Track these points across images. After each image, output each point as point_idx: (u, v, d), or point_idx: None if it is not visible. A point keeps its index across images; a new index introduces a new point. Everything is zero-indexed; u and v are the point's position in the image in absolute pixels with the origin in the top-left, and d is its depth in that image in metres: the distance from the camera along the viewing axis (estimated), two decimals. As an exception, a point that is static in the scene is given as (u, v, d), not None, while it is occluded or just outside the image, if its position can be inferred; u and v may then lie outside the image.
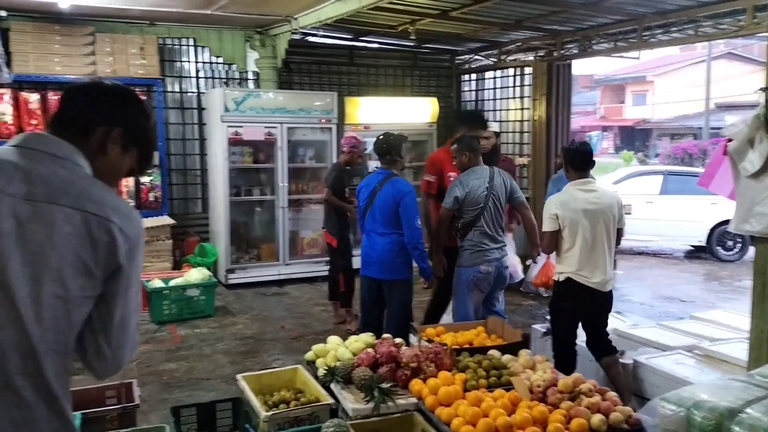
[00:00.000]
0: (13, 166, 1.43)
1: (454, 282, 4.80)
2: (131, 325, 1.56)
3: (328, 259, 7.63)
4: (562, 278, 4.16)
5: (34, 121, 7.03)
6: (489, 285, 4.72)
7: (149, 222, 7.31)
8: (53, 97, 7.11)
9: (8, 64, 6.88)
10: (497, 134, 6.00)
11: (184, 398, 4.57)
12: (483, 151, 5.41)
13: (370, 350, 3.84)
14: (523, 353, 3.88)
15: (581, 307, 4.15)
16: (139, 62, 7.51)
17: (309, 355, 4.13)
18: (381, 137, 4.73)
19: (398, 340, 3.95)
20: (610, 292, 4.20)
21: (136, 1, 6.42)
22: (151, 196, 7.65)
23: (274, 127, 7.69)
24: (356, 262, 6.38)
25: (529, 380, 3.44)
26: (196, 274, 6.59)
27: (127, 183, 7.50)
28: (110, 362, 1.54)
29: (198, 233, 8.25)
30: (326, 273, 7.84)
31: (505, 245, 4.85)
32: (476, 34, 8.37)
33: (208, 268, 7.11)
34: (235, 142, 7.58)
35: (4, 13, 6.90)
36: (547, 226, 4.10)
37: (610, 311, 4.33)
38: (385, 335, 4.12)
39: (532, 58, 8.76)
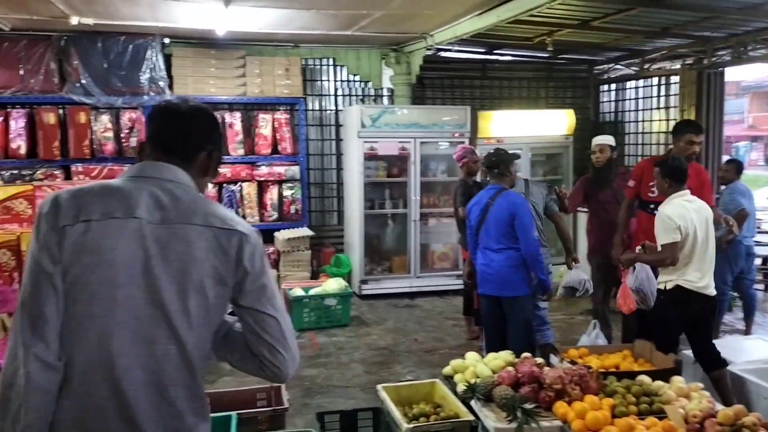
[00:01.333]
0: (144, 196, 1.55)
1: None
2: (287, 321, 1.65)
3: (460, 273, 7.68)
4: (669, 286, 4.13)
5: (191, 139, 7.63)
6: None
7: (290, 233, 7.69)
8: (208, 117, 7.68)
9: (170, 87, 7.55)
10: (613, 147, 5.60)
11: (324, 404, 4.74)
12: (597, 166, 5.46)
13: (510, 369, 3.79)
14: (676, 380, 3.66)
15: (687, 315, 4.14)
16: (285, 82, 7.95)
17: (447, 370, 4.15)
18: (491, 152, 4.71)
19: (539, 360, 3.87)
20: (715, 296, 4.23)
21: (285, 25, 6.80)
22: (292, 209, 8.03)
23: (408, 142, 7.83)
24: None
25: (684, 409, 3.24)
26: (333, 284, 6.83)
27: (272, 196, 7.93)
28: (287, 358, 1.62)
29: (333, 244, 8.56)
30: (456, 287, 7.88)
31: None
32: (617, 43, 8.05)
33: (343, 279, 7.35)
34: (370, 156, 7.80)
35: (167, 41, 7.59)
36: (669, 238, 4.03)
37: (714, 318, 4.43)
38: (525, 354, 4.05)
39: (678, 66, 8.28)
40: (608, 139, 5.63)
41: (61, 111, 7.35)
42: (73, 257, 1.46)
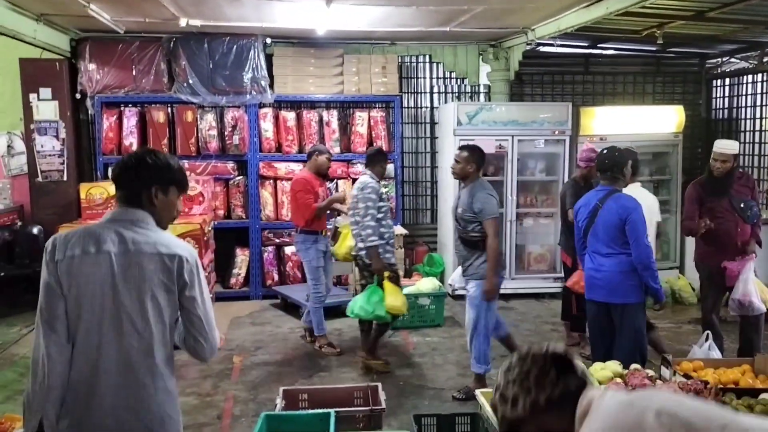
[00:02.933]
0: (111, 235, 2.22)
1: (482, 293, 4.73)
2: (210, 320, 2.32)
3: (558, 276, 7.44)
4: None
5: (290, 137, 7.80)
6: None
7: (384, 231, 7.67)
8: (307, 115, 7.83)
9: (271, 86, 7.73)
10: (736, 156, 5.04)
11: (419, 405, 4.70)
12: (717, 175, 4.99)
13: (619, 380, 3.60)
14: (805, 402, 3.34)
15: None
16: (381, 80, 7.96)
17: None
18: (605, 151, 4.42)
19: (650, 372, 3.64)
20: None
21: (383, 22, 6.80)
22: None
23: (505, 140, 7.64)
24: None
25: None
26: (427, 284, 6.78)
27: (366, 193, 7.96)
28: (206, 347, 2.32)
29: (426, 243, 8.50)
30: (553, 290, 7.64)
31: None
32: (734, 35, 7.50)
33: (436, 278, 7.28)
34: (466, 155, 7.66)
35: (269, 41, 7.77)
36: None
37: None
38: (635, 365, 3.83)
39: (804, 58, 7.62)
40: (733, 147, 5.05)
41: (169, 110, 7.71)
42: (68, 279, 2.17)
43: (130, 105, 7.71)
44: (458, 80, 8.68)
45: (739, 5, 5.94)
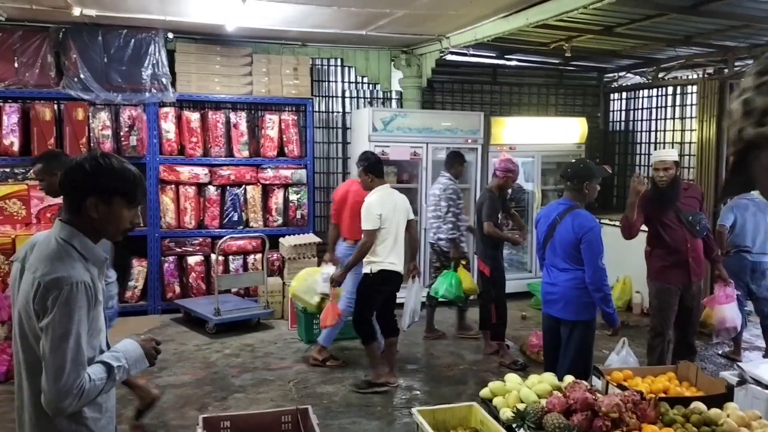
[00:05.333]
0: (31, 245, 2.09)
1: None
2: (57, 363, 1.91)
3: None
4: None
5: (194, 139, 7.31)
6: None
7: (295, 239, 7.36)
8: (212, 116, 7.37)
9: (173, 84, 7.21)
10: (677, 163, 4.94)
11: (347, 425, 4.46)
12: (661, 185, 4.84)
13: (559, 394, 3.53)
14: (731, 407, 3.43)
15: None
16: (293, 82, 7.64)
17: (485, 393, 3.88)
18: (573, 162, 4.38)
19: (591, 384, 3.62)
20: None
21: (298, 22, 6.51)
22: (298, 214, 7.73)
23: (420, 147, 7.58)
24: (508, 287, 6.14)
25: (752, 442, 3.01)
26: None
27: (277, 200, 7.62)
28: (44, 395, 1.92)
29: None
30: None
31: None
32: (632, 50, 7.88)
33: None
34: (380, 161, 7.53)
35: (171, 35, 7.24)
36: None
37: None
38: (568, 377, 3.80)
39: (694, 75, 8.12)
40: (672, 155, 5.00)
41: (57, 107, 6.99)
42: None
43: (10, 100, 6.90)
44: (370, 85, 8.53)
45: (646, 22, 6.21)
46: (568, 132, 8.41)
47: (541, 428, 3.27)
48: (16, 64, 6.76)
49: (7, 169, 6.72)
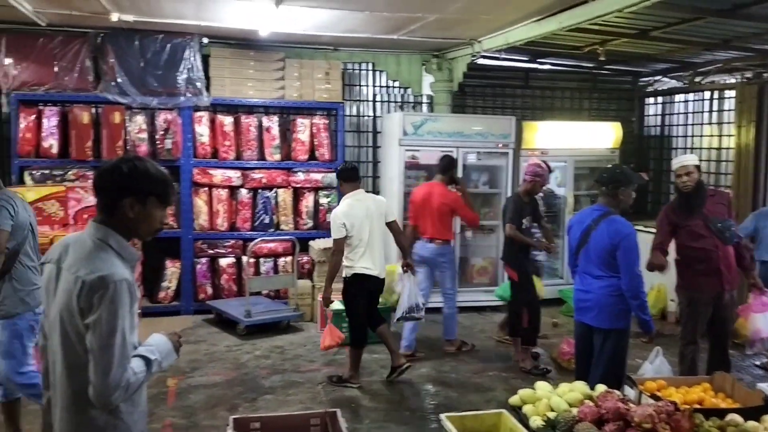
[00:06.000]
0: (63, 246, 2.15)
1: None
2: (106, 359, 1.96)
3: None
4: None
5: (227, 143, 7.40)
6: None
7: (325, 243, 7.37)
8: (245, 120, 7.46)
9: (207, 88, 7.31)
10: (699, 168, 4.85)
11: (375, 429, 4.46)
12: (685, 190, 4.77)
13: (590, 403, 3.48)
14: (768, 420, 3.35)
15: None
16: (324, 86, 7.69)
17: (514, 400, 3.85)
18: (609, 167, 4.32)
19: (624, 393, 3.56)
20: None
21: (330, 27, 6.55)
22: (329, 218, 7.74)
23: (450, 151, 7.51)
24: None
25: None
26: (373, 298, 6.54)
27: (307, 204, 7.67)
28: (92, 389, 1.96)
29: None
30: (494, 303, 7.58)
31: None
32: (668, 54, 7.74)
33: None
34: (410, 165, 7.54)
35: (206, 40, 7.36)
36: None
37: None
38: (600, 385, 3.74)
39: (733, 80, 7.94)
40: (692, 159, 4.90)
41: (94, 110, 7.14)
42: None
43: (50, 104, 7.09)
44: (401, 89, 8.54)
45: (682, 25, 6.10)
46: (601, 137, 8.30)
47: (571, 437, 3.23)
48: (55, 69, 6.94)
49: (46, 171, 6.89)
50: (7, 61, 6.81)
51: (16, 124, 6.84)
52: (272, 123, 7.58)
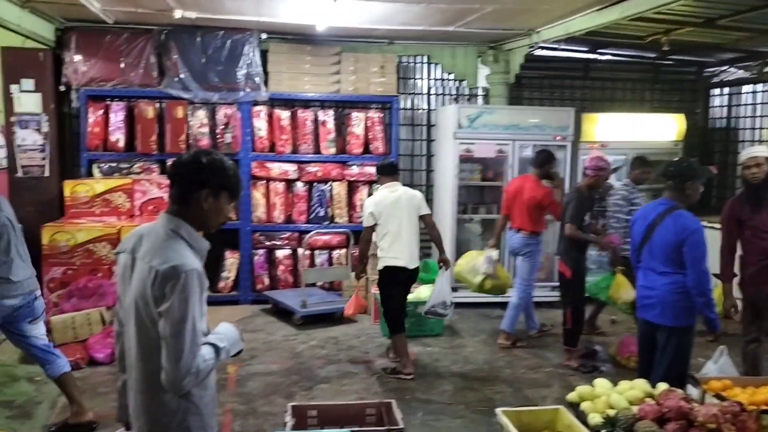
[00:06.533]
0: (137, 237, 2.24)
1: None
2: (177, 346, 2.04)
3: (555, 285, 7.25)
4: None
5: (284, 136, 7.52)
6: None
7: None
8: (301, 115, 7.57)
9: (265, 83, 7.45)
10: None
11: (429, 421, 4.48)
12: (754, 182, 4.59)
13: (651, 401, 3.41)
14: (844, 425, 3.20)
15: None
16: (379, 80, 7.72)
17: (572, 396, 3.80)
18: (676, 161, 4.19)
19: (685, 392, 3.47)
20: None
21: (386, 20, 6.57)
22: (383, 210, 7.79)
23: (506, 144, 7.47)
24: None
25: None
26: (427, 291, 6.54)
27: (362, 197, 7.72)
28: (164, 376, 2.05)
29: (421, 249, 8.25)
30: (550, 299, 7.47)
31: None
32: (737, 44, 7.43)
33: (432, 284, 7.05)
34: (465, 159, 7.49)
35: (264, 36, 7.49)
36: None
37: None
38: (662, 384, 3.65)
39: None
40: (764, 151, 4.69)
41: (158, 105, 7.38)
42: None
43: (117, 99, 7.36)
44: (456, 82, 8.49)
45: (751, 13, 5.85)
46: (664, 129, 8.05)
47: (631, 435, 3.17)
48: (122, 65, 7.19)
49: (113, 164, 7.16)
50: (77, 58, 7.10)
51: (85, 119, 7.13)
52: (328, 117, 7.66)
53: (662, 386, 3.60)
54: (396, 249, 5.30)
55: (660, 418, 3.22)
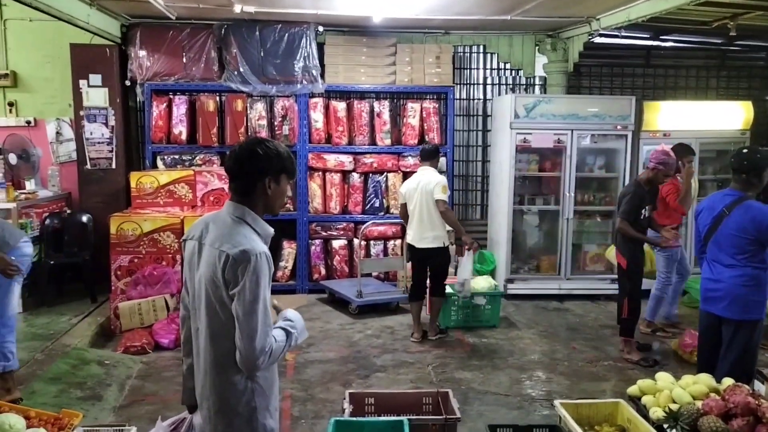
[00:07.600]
0: (204, 224, 2.33)
1: None
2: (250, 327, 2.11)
3: (614, 277, 7.11)
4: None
5: (340, 128, 7.60)
6: None
7: (435, 226, 7.43)
8: (357, 106, 7.62)
9: (322, 75, 7.54)
10: None
11: (486, 412, 4.48)
12: None
13: (716, 396, 3.33)
14: None
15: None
16: (435, 71, 7.70)
17: (633, 390, 3.75)
18: (744, 150, 4.03)
19: (752, 388, 3.36)
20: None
21: (442, 10, 6.55)
22: (438, 201, 7.78)
23: (564, 134, 7.34)
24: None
25: None
26: (482, 282, 6.54)
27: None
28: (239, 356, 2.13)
29: (476, 239, 8.19)
30: (609, 291, 7.33)
31: None
32: (810, 27, 7.07)
33: (489, 276, 7.03)
34: (522, 149, 7.41)
35: (321, 29, 7.57)
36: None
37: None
38: (727, 379, 3.55)
39: None
40: None
41: (219, 98, 7.57)
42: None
43: (179, 93, 7.60)
44: (513, 71, 8.38)
45: (829, -6, 5.56)
46: (730, 117, 7.75)
47: (695, 431, 3.10)
48: (184, 60, 7.40)
49: (176, 156, 7.40)
50: (142, 53, 7.35)
51: (150, 112, 7.39)
52: (383, 108, 7.69)
53: (727, 381, 3.50)
54: (410, 227, 5.98)
55: (725, 414, 3.15)
